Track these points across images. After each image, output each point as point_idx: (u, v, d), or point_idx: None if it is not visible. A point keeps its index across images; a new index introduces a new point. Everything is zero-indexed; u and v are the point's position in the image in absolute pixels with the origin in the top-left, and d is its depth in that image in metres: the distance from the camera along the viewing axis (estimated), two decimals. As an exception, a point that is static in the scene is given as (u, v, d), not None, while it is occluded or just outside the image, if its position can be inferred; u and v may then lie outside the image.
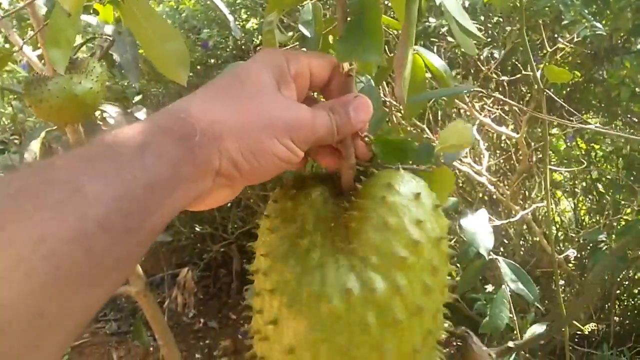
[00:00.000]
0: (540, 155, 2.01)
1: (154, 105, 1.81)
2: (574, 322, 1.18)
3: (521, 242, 2.04)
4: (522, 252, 1.91)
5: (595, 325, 2.04)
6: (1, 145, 3.77)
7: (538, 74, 1.23)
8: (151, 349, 2.35)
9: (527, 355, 1.61)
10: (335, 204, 0.44)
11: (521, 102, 1.90)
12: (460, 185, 1.84)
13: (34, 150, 1.26)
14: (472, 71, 2.04)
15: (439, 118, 1.81)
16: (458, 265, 2.14)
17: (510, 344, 0.79)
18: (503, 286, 0.87)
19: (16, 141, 3.49)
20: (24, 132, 3.13)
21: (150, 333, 1.87)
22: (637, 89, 2.03)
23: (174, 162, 0.34)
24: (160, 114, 0.37)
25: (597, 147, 2.18)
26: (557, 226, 2.28)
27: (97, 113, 1.34)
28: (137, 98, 1.64)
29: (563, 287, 2.11)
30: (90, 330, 2.69)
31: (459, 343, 1.92)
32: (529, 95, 2.00)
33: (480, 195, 1.90)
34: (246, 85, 0.38)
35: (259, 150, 0.37)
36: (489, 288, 1.70)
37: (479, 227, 0.83)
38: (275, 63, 0.40)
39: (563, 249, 2.11)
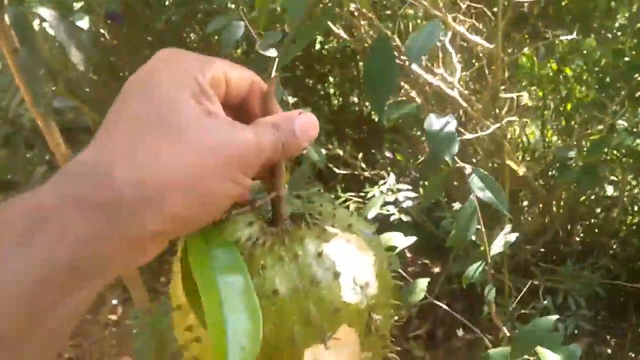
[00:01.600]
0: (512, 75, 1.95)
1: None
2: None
3: (489, 164, 2.02)
4: (489, 172, 1.89)
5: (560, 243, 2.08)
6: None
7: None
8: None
9: (492, 271, 1.63)
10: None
11: (495, 14, 1.81)
12: (430, 101, 1.79)
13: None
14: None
15: (410, 30, 1.72)
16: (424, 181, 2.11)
17: (472, 195, 0.76)
18: (471, 196, 0.82)
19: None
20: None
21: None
22: (612, 3, 1.97)
23: (85, 241, 0.27)
24: (67, 175, 0.29)
25: (567, 69, 2.14)
26: (525, 147, 2.27)
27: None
28: (79, 5, 1.47)
29: (528, 206, 2.12)
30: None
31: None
32: (503, 6, 1.91)
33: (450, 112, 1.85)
34: (167, 115, 0.30)
35: (210, 198, 0.31)
36: (457, 206, 1.69)
37: (444, 131, 0.77)
38: (188, 73, 0.33)
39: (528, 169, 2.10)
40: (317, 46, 2.65)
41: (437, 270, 2.20)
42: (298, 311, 0.36)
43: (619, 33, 1.93)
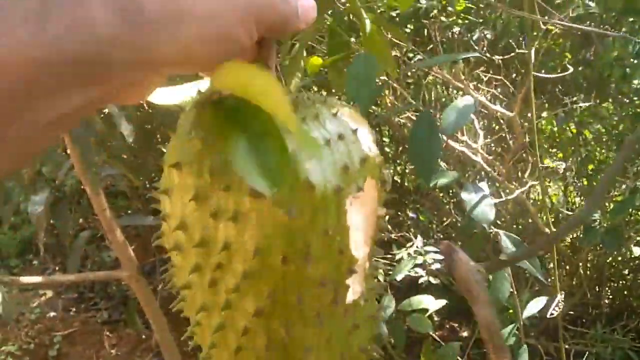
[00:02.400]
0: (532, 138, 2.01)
1: None
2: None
3: (514, 224, 2.04)
4: (515, 233, 1.91)
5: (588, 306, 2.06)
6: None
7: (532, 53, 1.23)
8: (144, 336, 2.33)
9: (522, 334, 1.62)
10: None
11: (514, 82, 1.89)
12: (453, 165, 1.84)
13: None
14: (460, 51, 2.03)
15: (433, 98, 1.80)
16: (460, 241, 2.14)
17: (503, 256, 0.78)
18: (503, 260, 0.86)
19: None
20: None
21: (143, 320, 1.85)
22: (627, 69, 2.04)
23: (99, 38, 0.26)
24: None
25: (587, 132, 2.19)
26: (549, 208, 2.29)
27: None
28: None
29: (556, 268, 2.12)
30: (81, 319, 2.66)
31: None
32: (522, 75, 2.00)
33: (473, 176, 1.90)
34: None
35: (223, 36, 0.31)
36: (483, 268, 1.70)
37: (480, 199, 0.82)
38: None
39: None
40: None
41: (465, 334, 2.18)
42: (335, 161, 0.37)
43: (635, 98, 1.99)
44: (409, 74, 1.81)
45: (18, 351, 2.46)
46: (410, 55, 1.88)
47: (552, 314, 0.99)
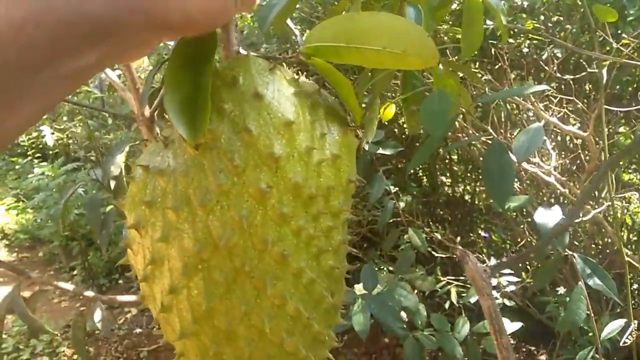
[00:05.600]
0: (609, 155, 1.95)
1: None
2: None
3: (592, 244, 1.98)
4: (593, 254, 1.86)
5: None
6: (78, 162, 4.03)
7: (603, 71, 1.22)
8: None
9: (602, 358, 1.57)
10: None
11: (586, 101, 1.86)
12: (525, 187, 1.82)
13: (120, 163, 1.35)
14: (532, 71, 2.02)
15: (502, 119, 1.80)
16: (529, 268, 2.09)
17: (504, 258, 0.79)
18: (580, 282, 0.87)
19: (92, 158, 3.72)
20: (99, 149, 3.33)
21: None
22: None
23: (121, 1, 0.30)
24: None
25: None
26: (629, 227, 2.20)
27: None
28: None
29: (637, 290, 2.03)
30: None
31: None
32: (594, 94, 1.96)
33: (547, 197, 1.87)
34: None
35: (222, 9, 0.36)
36: (561, 290, 1.67)
37: (554, 222, 0.83)
38: None
39: (636, 251, 2.03)
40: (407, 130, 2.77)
41: (543, 358, 2.12)
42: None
43: None
44: (475, 92, 1.82)
45: (109, 365, 2.64)
46: (478, 75, 1.89)
47: (625, 341, 0.98)
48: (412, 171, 2.96)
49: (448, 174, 2.95)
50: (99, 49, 0.31)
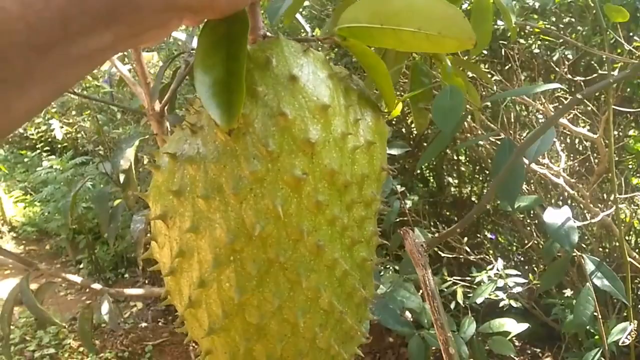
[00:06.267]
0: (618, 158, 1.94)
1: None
2: None
3: (599, 248, 1.97)
4: (602, 257, 1.85)
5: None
6: (86, 156, 4.05)
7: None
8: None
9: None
10: None
11: (596, 103, 1.85)
12: (534, 188, 1.81)
13: (129, 157, 1.36)
14: (541, 72, 2.01)
15: (512, 120, 1.80)
16: (535, 269, 2.07)
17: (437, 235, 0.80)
18: (588, 284, 0.87)
19: (100, 152, 3.74)
20: (107, 144, 3.35)
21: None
22: None
23: None
24: None
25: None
26: (637, 232, 2.19)
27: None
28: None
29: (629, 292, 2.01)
30: (169, 330, 2.83)
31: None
32: (604, 96, 1.95)
33: (554, 199, 1.86)
34: None
35: None
36: (567, 293, 1.66)
37: (563, 222, 0.83)
38: None
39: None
40: (416, 130, 2.77)
41: None
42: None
43: None
44: (484, 93, 1.81)
45: (114, 358, 2.65)
46: (488, 75, 1.88)
47: (624, 342, 0.97)
48: (418, 171, 2.95)
49: (455, 175, 2.94)
50: (114, 30, 0.30)
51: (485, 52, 1.97)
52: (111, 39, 0.30)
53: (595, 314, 0.90)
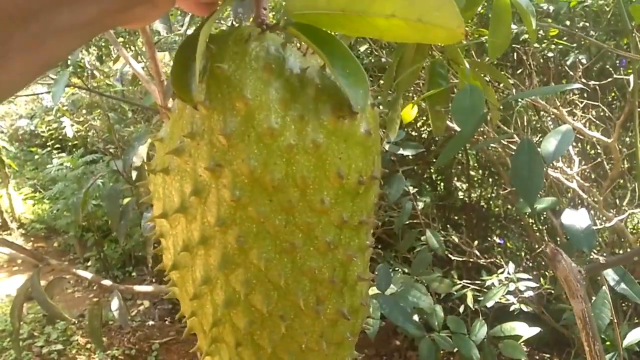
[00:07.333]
0: (630, 164, 1.93)
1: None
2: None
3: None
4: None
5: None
6: (96, 154, 4.07)
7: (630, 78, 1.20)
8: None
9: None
10: None
11: (613, 106, 1.84)
12: (545, 192, 1.80)
13: (142, 154, 1.37)
14: (553, 77, 2.00)
15: (525, 123, 1.79)
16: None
17: (602, 259, 0.78)
18: (604, 287, 0.86)
19: (111, 150, 3.75)
20: (118, 142, 3.36)
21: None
22: None
23: None
24: None
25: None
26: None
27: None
28: None
29: None
30: (176, 329, 2.83)
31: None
32: (618, 100, 1.93)
33: (566, 203, 1.84)
34: None
35: None
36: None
37: (581, 224, 0.82)
38: None
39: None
40: (425, 134, 2.77)
41: (556, 365, 2.09)
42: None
43: None
44: (498, 97, 1.80)
45: (121, 355, 2.66)
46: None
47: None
48: (427, 175, 2.94)
49: (464, 179, 2.93)
50: (100, 3, 0.29)
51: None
52: (95, 12, 0.29)
53: (612, 318, 0.89)
